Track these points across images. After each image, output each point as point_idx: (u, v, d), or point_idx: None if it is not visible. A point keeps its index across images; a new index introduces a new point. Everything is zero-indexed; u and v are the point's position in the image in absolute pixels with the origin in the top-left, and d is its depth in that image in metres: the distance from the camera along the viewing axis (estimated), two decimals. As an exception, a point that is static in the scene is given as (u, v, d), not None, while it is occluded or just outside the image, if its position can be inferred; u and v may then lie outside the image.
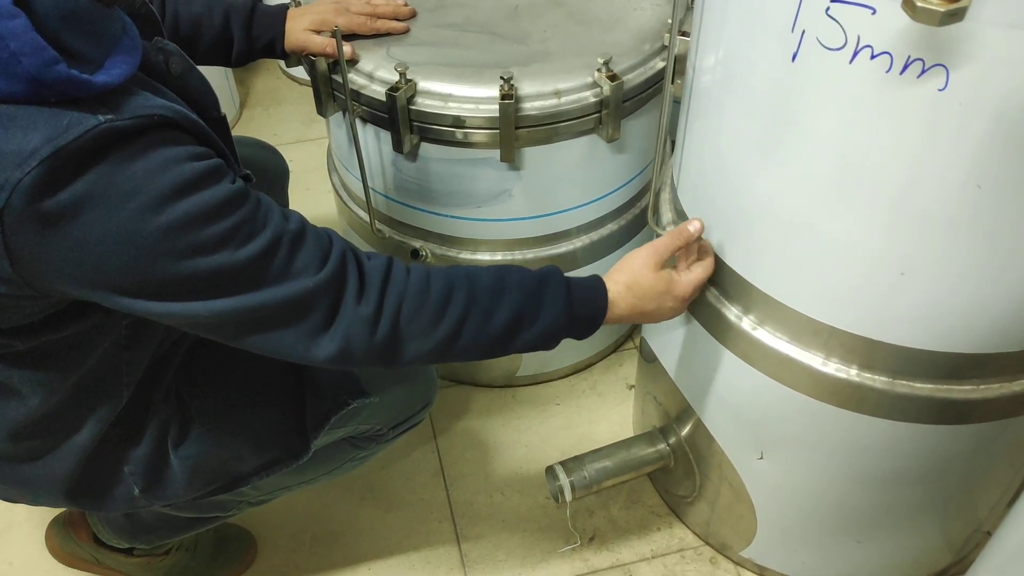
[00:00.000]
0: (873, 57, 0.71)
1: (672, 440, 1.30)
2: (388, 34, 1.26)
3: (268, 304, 0.77)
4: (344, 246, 0.84)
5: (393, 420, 1.13)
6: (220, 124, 0.91)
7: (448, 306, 0.86)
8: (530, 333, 0.90)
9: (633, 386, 1.62)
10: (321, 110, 1.28)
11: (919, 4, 0.60)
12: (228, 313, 0.76)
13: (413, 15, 1.29)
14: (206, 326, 0.79)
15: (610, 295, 0.95)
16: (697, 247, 1.01)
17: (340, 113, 1.29)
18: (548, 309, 0.90)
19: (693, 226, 0.99)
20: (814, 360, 0.96)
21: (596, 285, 0.96)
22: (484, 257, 1.38)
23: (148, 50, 0.79)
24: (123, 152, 0.68)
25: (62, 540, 1.33)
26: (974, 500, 1.14)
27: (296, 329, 0.80)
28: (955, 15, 0.60)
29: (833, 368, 0.95)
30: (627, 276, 0.97)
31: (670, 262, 1.00)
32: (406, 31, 1.27)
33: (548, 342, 0.93)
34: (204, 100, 0.88)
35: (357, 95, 1.21)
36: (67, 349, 0.86)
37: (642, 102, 1.25)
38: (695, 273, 1.00)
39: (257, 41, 1.21)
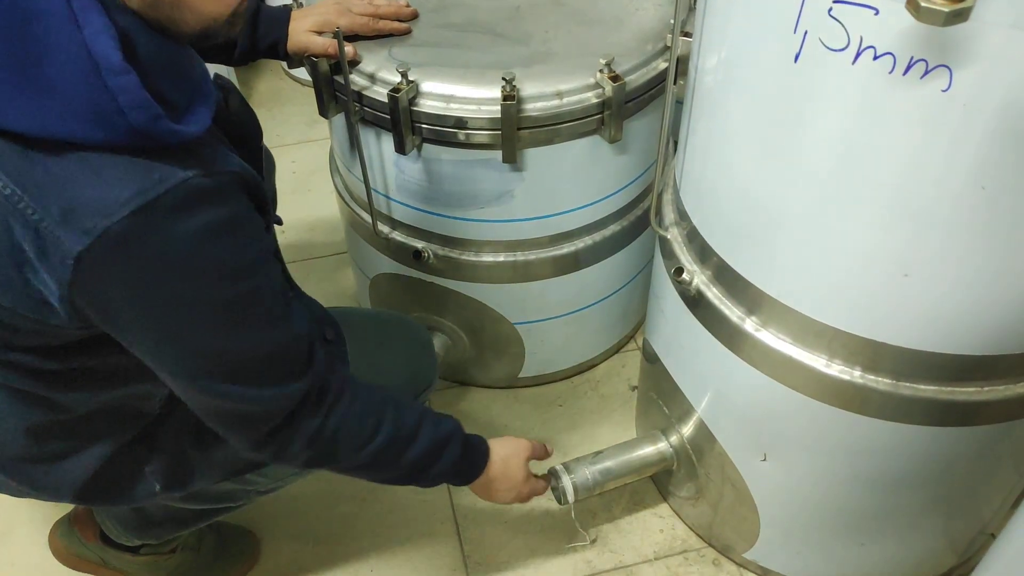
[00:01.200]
0: (876, 58, 0.71)
1: (675, 441, 1.30)
2: (390, 35, 1.25)
3: (251, 396, 0.83)
4: (321, 356, 0.90)
5: None
6: (259, 153, 0.94)
7: (372, 442, 0.95)
8: (424, 478, 1.03)
9: (636, 387, 1.62)
10: (323, 111, 1.27)
11: (923, 4, 0.60)
12: (216, 392, 0.82)
13: (415, 16, 1.29)
14: (189, 386, 0.83)
15: (488, 466, 1.11)
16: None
17: (342, 114, 1.29)
18: (444, 462, 1.03)
19: (550, 447, 1.22)
20: (817, 362, 0.96)
21: (483, 451, 1.11)
22: (487, 258, 1.38)
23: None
24: (209, 213, 0.72)
25: (68, 541, 1.33)
26: (978, 502, 1.14)
27: (256, 427, 0.87)
28: (959, 15, 0.59)
29: (837, 370, 0.95)
30: (508, 452, 1.14)
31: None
32: (408, 32, 1.27)
33: (431, 484, 1.06)
34: (253, 132, 0.91)
35: (359, 96, 1.21)
36: (101, 374, 0.88)
37: (644, 103, 1.24)
38: (539, 486, 1.20)
39: (261, 42, 1.20)
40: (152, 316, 0.75)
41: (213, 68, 0.88)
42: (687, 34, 1.06)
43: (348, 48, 1.19)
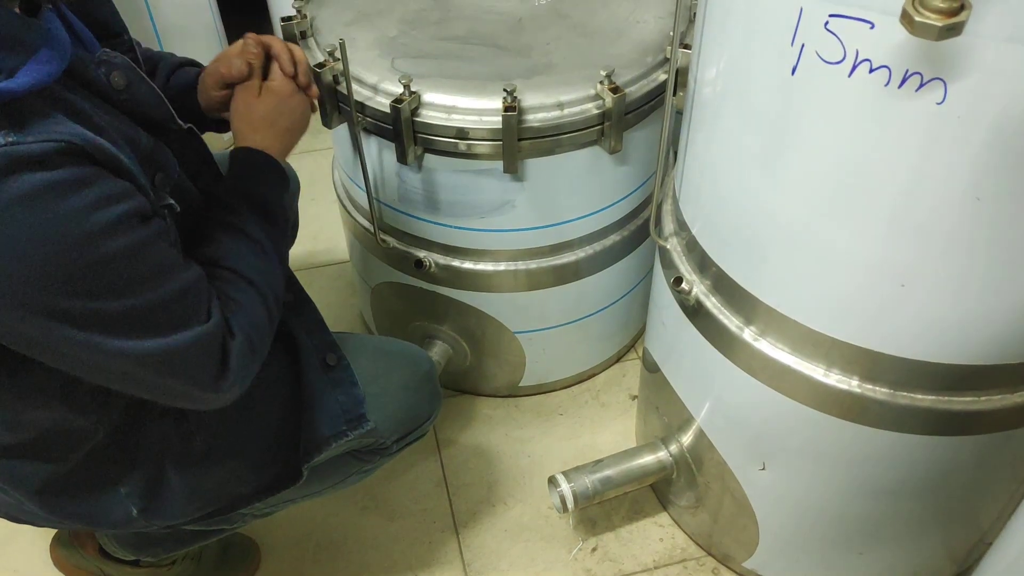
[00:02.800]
0: (872, 71, 0.72)
1: (674, 450, 1.30)
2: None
3: (170, 349, 0.78)
4: (212, 291, 0.85)
5: (397, 433, 1.13)
6: (185, 137, 0.91)
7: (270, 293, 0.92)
8: (280, 232, 0.98)
9: (636, 396, 1.62)
10: (326, 122, 1.29)
11: (917, 19, 0.60)
12: (129, 357, 0.76)
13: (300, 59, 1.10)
14: (106, 370, 0.78)
15: (253, 146, 1.00)
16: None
17: (345, 124, 1.30)
18: (259, 212, 0.95)
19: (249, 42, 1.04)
20: (816, 371, 0.96)
21: (245, 157, 0.99)
22: (487, 267, 1.38)
23: (86, 62, 0.77)
24: (26, 179, 0.65)
25: (68, 552, 1.33)
26: (976, 512, 1.14)
27: (200, 374, 0.83)
28: (953, 29, 0.60)
29: (835, 379, 0.95)
30: (244, 122, 1.02)
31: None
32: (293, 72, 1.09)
33: (286, 215, 1.00)
34: (156, 114, 0.86)
35: (362, 107, 1.22)
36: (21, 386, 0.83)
37: (644, 114, 1.25)
38: (275, 70, 1.04)
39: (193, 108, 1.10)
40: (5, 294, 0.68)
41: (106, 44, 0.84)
42: (687, 46, 1.07)
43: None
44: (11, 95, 0.64)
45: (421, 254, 1.40)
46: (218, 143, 2.07)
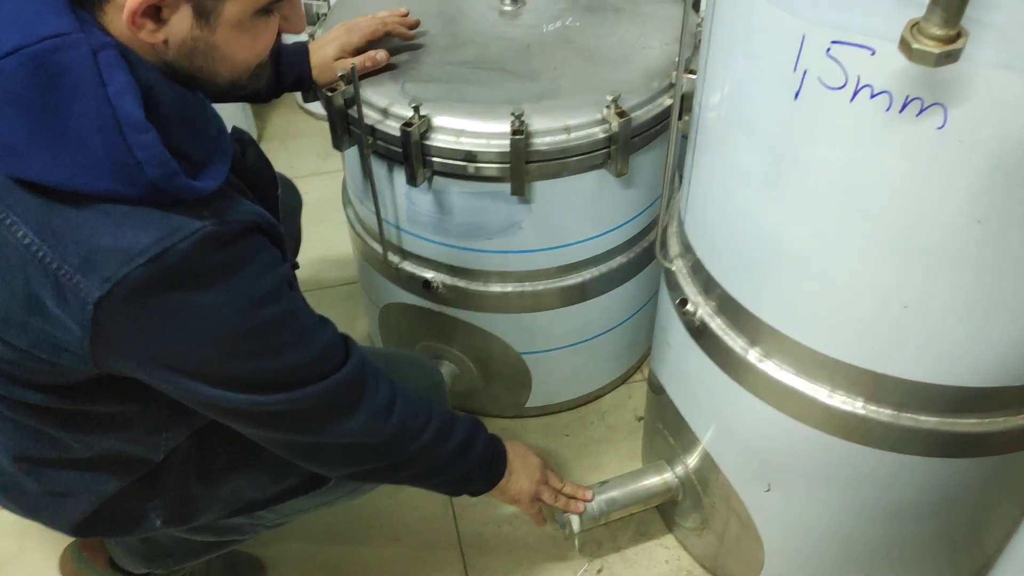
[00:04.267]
0: (873, 96, 0.73)
1: (680, 472, 1.31)
2: (397, 37, 1.33)
3: (309, 397, 0.85)
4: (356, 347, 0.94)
5: None
6: (276, 201, 0.96)
7: (425, 430, 0.99)
8: (461, 472, 1.06)
9: (642, 417, 1.62)
10: (337, 144, 1.30)
11: (915, 46, 0.62)
12: (272, 405, 0.84)
13: (417, 24, 1.35)
14: (246, 416, 0.86)
15: (509, 460, 1.14)
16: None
17: (355, 147, 1.32)
18: (477, 451, 1.07)
19: (380, 55, 1.26)
20: (820, 392, 0.97)
21: (500, 443, 1.13)
22: (495, 288, 1.40)
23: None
24: (222, 255, 0.75)
25: (78, 565, 1.34)
26: (982, 534, 1.14)
27: (327, 413, 0.89)
28: (950, 56, 0.61)
29: (839, 400, 0.96)
30: (523, 450, 1.19)
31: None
32: (413, 37, 1.34)
33: (467, 482, 1.10)
34: (269, 182, 0.94)
35: (372, 130, 1.24)
36: (107, 418, 0.90)
37: (650, 138, 1.27)
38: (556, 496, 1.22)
39: (285, 79, 1.25)
40: (176, 353, 0.78)
41: (231, 120, 0.91)
42: (692, 72, 1.09)
43: (382, 53, 1.26)
44: (209, 192, 0.74)
45: (429, 275, 1.41)
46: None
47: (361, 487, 1.18)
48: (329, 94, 1.23)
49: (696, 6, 1.37)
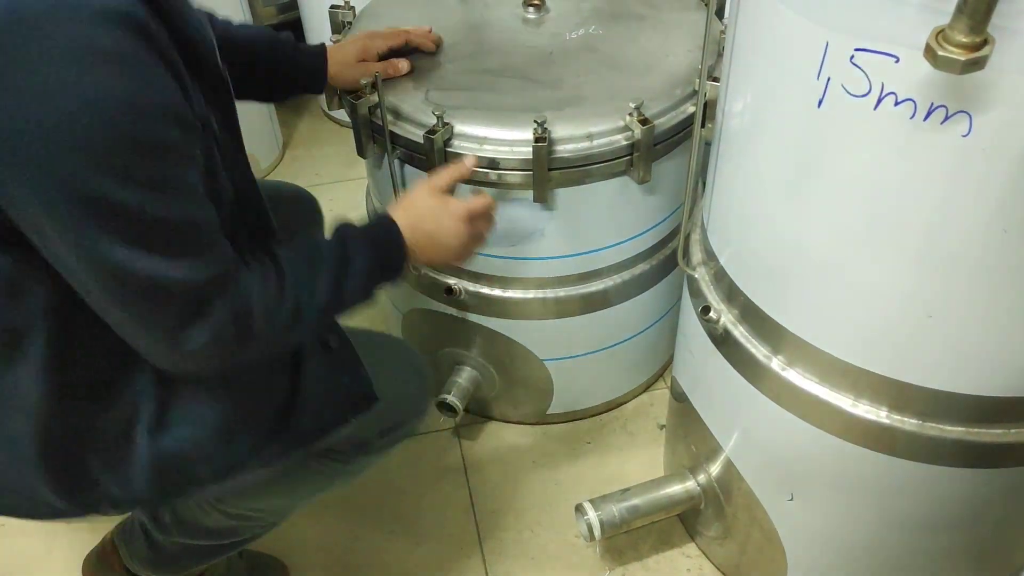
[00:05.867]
0: (897, 104, 0.73)
1: (702, 480, 1.30)
2: (418, 49, 1.34)
3: (168, 277, 0.75)
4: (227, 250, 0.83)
5: (381, 425, 1.10)
6: (222, 82, 0.88)
7: (292, 304, 0.88)
8: (351, 288, 0.93)
9: (664, 426, 1.62)
10: (361, 152, 1.32)
11: (940, 53, 0.62)
12: (117, 260, 0.73)
13: (439, 41, 1.37)
14: (93, 273, 0.74)
15: (395, 219, 1.01)
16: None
17: (379, 154, 1.33)
18: (357, 262, 0.94)
19: (469, 161, 1.18)
20: (844, 401, 0.96)
21: (383, 221, 1.02)
22: (517, 295, 1.40)
23: None
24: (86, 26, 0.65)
25: (97, 571, 1.35)
26: (1009, 546, 1.13)
27: (165, 313, 0.78)
28: (976, 63, 0.61)
29: (863, 409, 0.95)
30: (406, 201, 1.06)
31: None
32: (434, 50, 1.35)
33: (369, 288, 0.97)
34: (206, 51, 0.84)
35: (396, 137, 1.25)
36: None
37: (673, 145, 1.27)
38: (471, 199, 1.08)
39: (300, 77, 1.26)
40: (31, 147, 0.66)
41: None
42: (715, 79, 1.09)
43: (404, 62, 1.28)
44: None
45: (451, 281, 1.42)
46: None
47: (330, 484, 1.13)
48: (354, 101, 1.25)
49: (720, 13, 1.37)
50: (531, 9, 1.40)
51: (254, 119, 2.22)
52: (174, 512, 1.14)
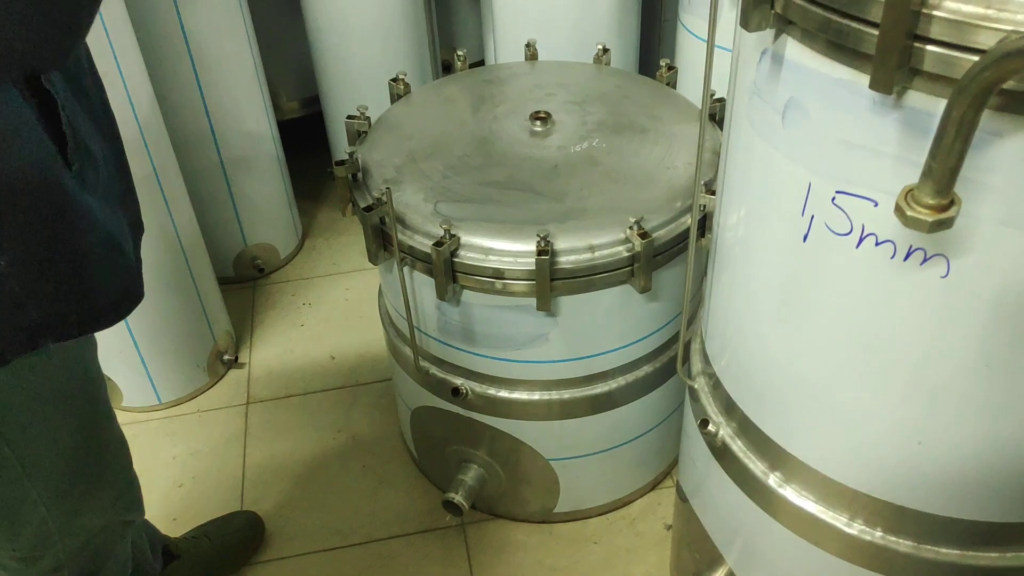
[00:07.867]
0: (878, 244, 0.76)
1: (706, 588, 1.30)
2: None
3: None
4: None
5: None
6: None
7: None
8: None
9: (671, 526, 1.62)
10: (373, 259, 1.36)
11: (909, 213, 0.64)
12: None
13: None
14: None
15: None
16: None
17: (389, 261, 1.38)
18: None
19: None
20: (839, 520, 0.97)
21: None
22: (522, 396, 1.43)
23: None
24: None
25: None
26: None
27: None
28: (943, 224, 0.64)
29: (858, 529, 0.96)
30: None
31: None
32: None
33: None
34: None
35: (404, 247, 1.29)
36: None
37: (673, 255, 1.31)
38: None
39: None
40: None
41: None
42: (712, 192, 1.13)
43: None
44: None
45: (459, 381, 1.45)
46: None
47: None
48: (366, 212, 1.30)
49: (720, 122, 1.42)
50: (538, 123, 1.46)
51: (273, 208, 2.30)
52: None
